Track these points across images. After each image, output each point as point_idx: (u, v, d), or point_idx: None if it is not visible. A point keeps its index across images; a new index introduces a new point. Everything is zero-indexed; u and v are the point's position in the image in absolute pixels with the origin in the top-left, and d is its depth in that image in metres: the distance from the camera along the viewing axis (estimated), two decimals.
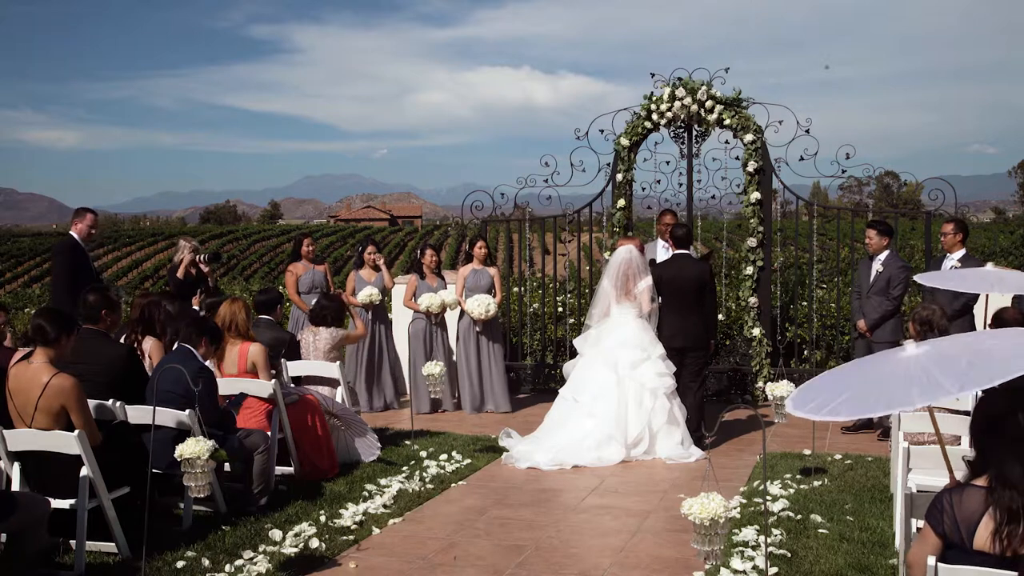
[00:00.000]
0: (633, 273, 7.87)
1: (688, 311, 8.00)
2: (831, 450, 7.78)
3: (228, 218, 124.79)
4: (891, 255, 8.54)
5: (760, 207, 9.87)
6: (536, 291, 12.04)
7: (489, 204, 10.66)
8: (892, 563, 4.99)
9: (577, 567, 5.18)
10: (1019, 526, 2.96)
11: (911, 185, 73.86)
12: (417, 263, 10.01)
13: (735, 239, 13.93)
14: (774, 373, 9.78)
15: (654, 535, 5.71)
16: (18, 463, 5.11)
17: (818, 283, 12.72)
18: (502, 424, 8.53)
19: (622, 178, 10.28)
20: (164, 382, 5.62)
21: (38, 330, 5.11)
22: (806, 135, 9.75)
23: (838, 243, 12.19)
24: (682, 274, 8.05)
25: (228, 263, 61.85)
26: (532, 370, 10.79)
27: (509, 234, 12.32)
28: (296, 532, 5.53)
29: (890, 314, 8.35)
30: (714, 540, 3.57)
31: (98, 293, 6.21)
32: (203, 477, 4.71)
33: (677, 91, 9.92)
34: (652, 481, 7.05)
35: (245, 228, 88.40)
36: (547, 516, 6.18)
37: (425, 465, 7.32)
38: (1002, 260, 30.80)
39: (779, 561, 5.07)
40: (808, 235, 10.98)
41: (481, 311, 9.46)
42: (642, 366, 7.68)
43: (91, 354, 5.81)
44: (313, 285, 9.86)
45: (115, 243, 72.47)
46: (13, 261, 64.93)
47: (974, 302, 8.25)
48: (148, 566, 4.85)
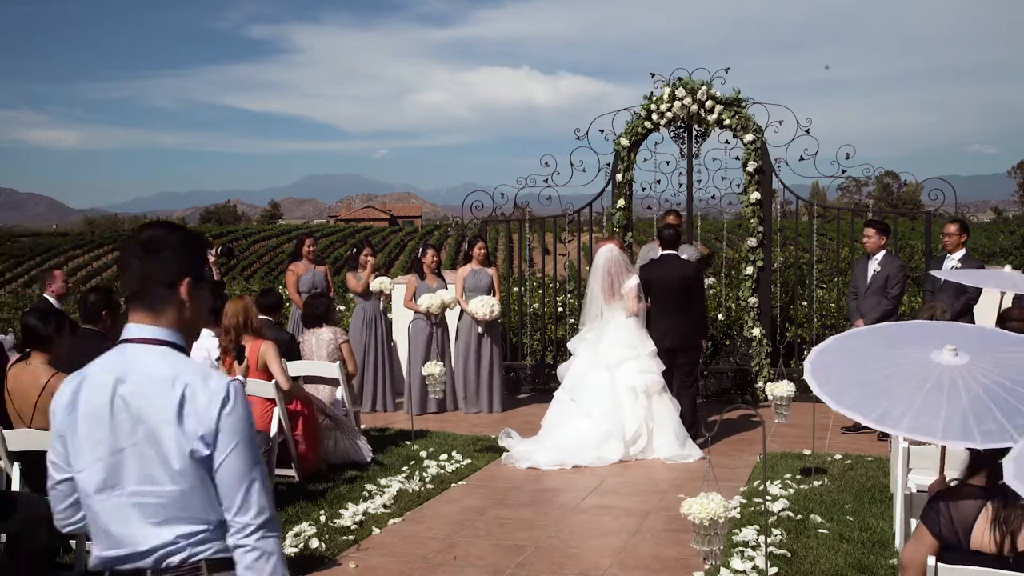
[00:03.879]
0: (617, 272, 7.89)
1: (676, 311, 8.03)
2: (831, 450, 7.78)
3: (228, 218, 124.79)
4: (888, 254, 8.55)
5: (760, 207, 9.87)
6: (536, 291, 12.03)
7: (489, 204, 10.66)
8: (892, 563, 4.99)
9: (577, 567, 5.18)
10: (1019, 525, 2.96)
11: (911, 185, 73.84)
12: (418, 263, 10.01)
13: (735, 239, 13.91)
14: (774, 373, 9.78)
15: (654, 535, 5.71)
16: (18, 463, 5.11)
17: (818, 283, 12.72)
18: (502, 424, 8.53)
19: (622, 178, 10.28)
20: None
21: (30, 330, 5.10)
22: (806, 135, 9.76)
23: (838, 243, 12.20)
24: (669, 275, 8.09)
25: (228, 263, 61.84)
26: (532, 370, 10.79)
27: (509, 234, 12.32)
28: (296, 532, 5.53)
29: (889, 313, 8.34)
30: (714, 540, 3.57)
31: (99, 293, 6.22)
32: None
33: (677, 91, 9.92)
34: (652, 481, 7.05)
35: (245, 228, 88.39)
36: (547, 516, 6.18)
37: (425, 465, 7.32)
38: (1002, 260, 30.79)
39: (779, 561, 5.07)
40: (808, 235, 10.98)
41: (485, 311, 9.46)
42: (626, 364, 7.71)
43: (90, 354, 5.77)
44: (313, 285, 9.85)
45: (115, 243, 72.46)
46: (13, 261, 64.91)
47: (975, 302, 8.26)
48: None
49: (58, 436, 2.25)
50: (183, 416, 2.13)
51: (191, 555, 2.16)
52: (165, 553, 2.15)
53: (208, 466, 2.15)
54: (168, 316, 2.24)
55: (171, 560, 2.15)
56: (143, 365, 2.19)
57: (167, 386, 2.15)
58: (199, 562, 2.17)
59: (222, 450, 2.14)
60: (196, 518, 2.15)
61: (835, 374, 3.26)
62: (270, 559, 2.16)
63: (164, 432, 2.13)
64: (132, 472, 2.15)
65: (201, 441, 2.12)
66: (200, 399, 2.14)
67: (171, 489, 2.13)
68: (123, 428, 2.16)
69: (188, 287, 2.24)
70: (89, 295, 6.20)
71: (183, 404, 2.13)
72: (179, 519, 2.15)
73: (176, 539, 2.14)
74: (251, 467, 2.16)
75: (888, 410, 2.96)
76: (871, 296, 8.42)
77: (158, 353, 2.20)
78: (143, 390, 2.16)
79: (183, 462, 2.13)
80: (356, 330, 9.75)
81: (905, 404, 2.94)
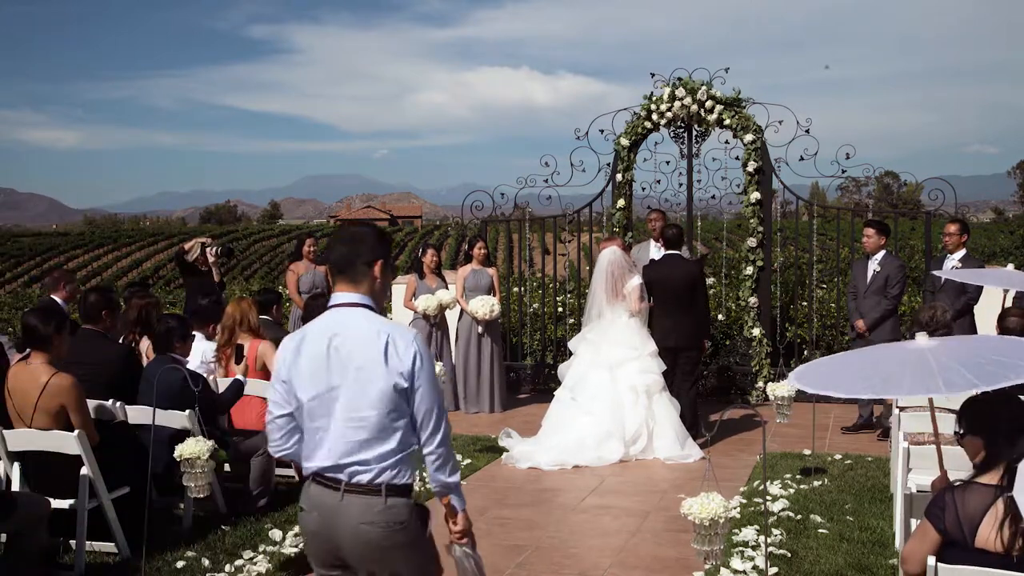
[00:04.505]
0: (620, 273, 7.91)
1: (680, 311, 8.03)
2: (831, 450, 7.78)
3: (228, 218, 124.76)
4: (888, 254, 8.56)
5: (760, 207, 9.87)
6: (536, 291, 12.03)
7: (489, 204, 10.66)
8: (892, 563, 4.99)
9: (577, 567, 5.18)
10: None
11: (911, 185, 73.82)
12: (418, 263, 10.01)
13: (735, 239, 13.90)
14: (774, 373, 9.78)
15: (654, 535, 5.71)
16: (18, 463, 5.11)
17: (818, 283, 12.71)
18: (501, 424, 8.53)
19: (622, 178, 10.28)
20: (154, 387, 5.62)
21: (30, 330, 5.09)
22: (806, 135, 9.76)
23: (838, 243, 12.19)
24: (673, 274, 8.09)
25: (228, 263, 61.79)
26: (532, 370, 10.79)
27: (509, 234, 12.33)
28: (296, 532, 5.51)
29: (889, 313, 8.35)
30: (714, 540, 3.56)
31: (99, 293, 6.21)
32: (203, 477, 4.71)
33: (677, 91, 9.92)
34: (652, 481, 7.05)
35: (245, 228, 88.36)
36: (547, 516, 6.18)
37: (425, 465, 7.31)
38: (1002, 260, 30.79)
39: (779, 561, 5.07)
40: (808, 235, 10.98)
41: (485, 311, 9.46)
42: (627, 364, 7.71)
43: (90, 354, 5.80)
44: (314, 285, 9.84)
45: (115, 243, 72.47)
46: (13, 261, 64.89)
47: (975, 302, 8.26)
48: (148, 566, 4.85)
49: (281, 380, 2.99)
50: (388, 358, 2.85)
51: (376, 476, 2.86)
52: (357, 471, 2.86)
53: (406, 397, 2.87)
54: (364, 286, 3.00)
55: (360, 478, 2.86)
56: (351, 322, 2.94)
57: (373, 336, 2.88)
58: (380, 485, 2.86)
59: (418, 383, 2.87)
60: (386, 443, 2.86)
61: (822, 374, 3.57)
62: (447, 463, 2.97)
63: (374, 371, 2.85)
64: (343, 403, 2.87)
65: (402, 377, 2.85)
66: (400, 345, 2.88)
67: (373, 416, 2.85)
68: (336, 369, 2.89)
69: (380, 267, 3.02)
70: (89, 295, 6.20)
71: (387, 349, 2.86)
72: (375, 442, 2.85)
73: (368, 459, 2.85)
74: (437, 398, 2.92)
75: (886, 380, 3.32)
76: (871, 296, 8.41)
77: (360, 314, 2.96)
78: (352, 341, 2.90)
79: (386, 394, 2.84)
80: None
81: (898, 374, 3.29)
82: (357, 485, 2.87)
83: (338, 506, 2.87)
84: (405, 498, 2.91)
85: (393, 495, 2.88)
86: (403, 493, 2.91)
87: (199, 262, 9.14)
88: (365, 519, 2.86)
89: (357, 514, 2.86)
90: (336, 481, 2.88)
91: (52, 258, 65.28)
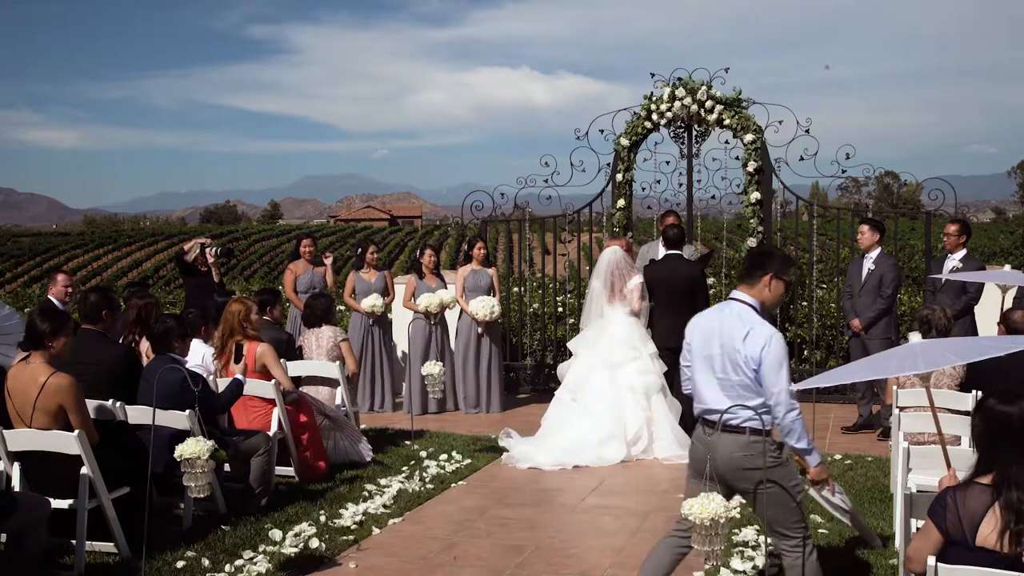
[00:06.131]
0: (621, 273, 7.91)
1: (680, 311, 7.99)
2: (831, 450, 7.77)
3: (228, 218, 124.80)
4: (882, 253, 8.55)
5: (760, 207, 9.87)
6: (536, 291, 12.03)
7: (489, 204, 10.66)
8: (892, 563, 4.99)
9: (577, 567, 5.18)
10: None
11: (911, 185, 73.81)
12: (416, 263, 10.01)
13: (735, 239, 13.93)
14: None
15: (654, 535, 5.69)
16: (18, 463, 5.11)
17: (818, 283, 12.72)
18: (502, 424, 8.52)
19: (622, 178, 10.28)
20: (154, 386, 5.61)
21: (30, 330, 5.10)
22: (806, 135, 9.77)
23: (838, 243, 12.18)
24: (674, 274, 8.09)
25: (228, 263, 61.79)
26: (532, 370, 10.79)
27: (509, 234, 12.32)
28: (296, 532, 5.52)
29: (884, 313, 8.34)
30: (714, 540, 3.56)
31: (99, 293, 6.21)
32: (203, 477, 4.71)
33: (677, 91, 9.92)
34: (652, 481, 7.05)
35: (245, 228, 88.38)
36: (547, 516, 6.18)
37: (425, 465, 7.32)
38: (1002, 260, 30.77)
39: (779, 561, 5.06)
40: (808, 235, 10.98)
41: (485, 312, 9.46)
42: (627, 364, 7.71)
43: (90, 354, 5.80)
44: (312, 285, 9.82)
45: (115, 243, 72.48)
46: (13, 261, 64.89)
47: (975, 302, 8.26)
48: (148, 566, 4.85)
49: (687, 344, 4.21)
50: (746, 343, 3.90)
51: (740, 420, 3.90)
52: (727, 416, 3.88)
53: (755, 373, 3.88)
54: (755, 291, 4.07)
55: (730, 420, 3.90)
56: (734, 312, 4.02)
57: (741, 324, 3.95)
58: (743, 426, 3.91)
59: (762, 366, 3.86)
60: (746, 399, 3.90)
61: (835, 373, 4.16)
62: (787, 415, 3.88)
63: (737, 349, 3.91)
64: (718, 366, 3.99)
65: (752, 359, 3.89)
66: (755, 337, 3.89)
67: (736, 378, 3.93)
68: (714, 342, 4.01)
69: (769, 279, 4.04)
70: (89, 295, 6.20)
71: (747, 337, 3.90)
72: (737, 396, 3.92)
73: (734, 407, 3.88)
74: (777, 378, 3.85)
75: (872, 363, 4.04)
76: (865, 296, 8.41)
77: (742, 308, 4.02)
78: (728, 325, 3.99)
79: (743, 367, 3.90)
80: (355, 330, 9.74)
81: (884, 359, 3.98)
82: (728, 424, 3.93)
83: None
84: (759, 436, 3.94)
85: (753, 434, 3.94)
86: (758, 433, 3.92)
87: (199, 262, 9.14)
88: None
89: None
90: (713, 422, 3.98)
91: (52, 258, 65.28)
